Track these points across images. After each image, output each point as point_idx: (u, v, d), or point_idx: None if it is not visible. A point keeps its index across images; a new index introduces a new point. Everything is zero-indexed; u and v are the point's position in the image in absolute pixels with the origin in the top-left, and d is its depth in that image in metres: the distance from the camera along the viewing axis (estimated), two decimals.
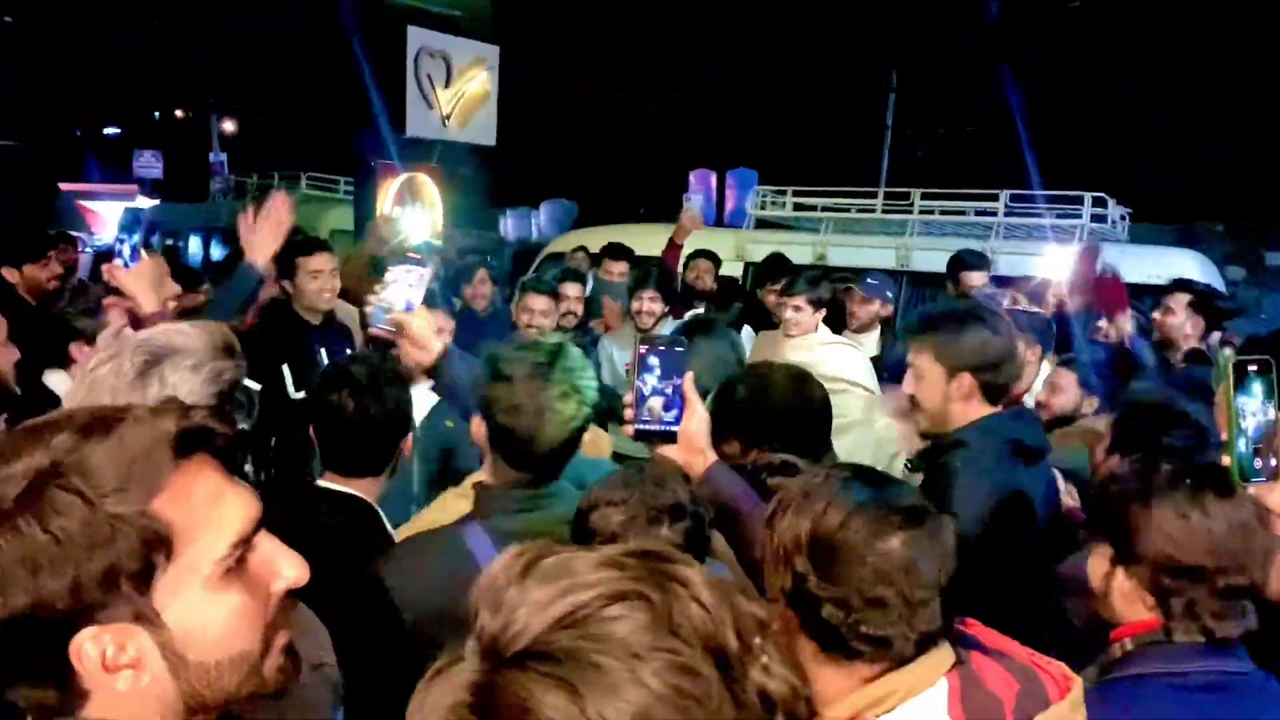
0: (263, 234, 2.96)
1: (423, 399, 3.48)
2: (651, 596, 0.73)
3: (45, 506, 0.87)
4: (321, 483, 2.20)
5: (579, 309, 5.10)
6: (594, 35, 20.89)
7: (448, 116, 9.16)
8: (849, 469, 1.42)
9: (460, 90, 9.24)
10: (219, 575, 0.94)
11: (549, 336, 4.25)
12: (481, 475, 2.03)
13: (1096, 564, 1.74)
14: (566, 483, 1.99)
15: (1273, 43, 14.57)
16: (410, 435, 2.30)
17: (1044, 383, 4.17)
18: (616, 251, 6.13)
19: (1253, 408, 1.78)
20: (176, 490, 0.92)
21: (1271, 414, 1.78)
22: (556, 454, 1.92)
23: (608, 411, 2.70)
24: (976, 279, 5.23)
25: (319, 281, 4.16)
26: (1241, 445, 1.77)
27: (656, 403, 1.78)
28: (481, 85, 9.35)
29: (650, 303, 4.86)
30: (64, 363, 3.14)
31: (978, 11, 15.57)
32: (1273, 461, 1.77)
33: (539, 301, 4.53)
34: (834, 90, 17.72)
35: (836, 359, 4.26)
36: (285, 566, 0.99)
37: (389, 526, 2.23)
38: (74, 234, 8.98)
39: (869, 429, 3.82)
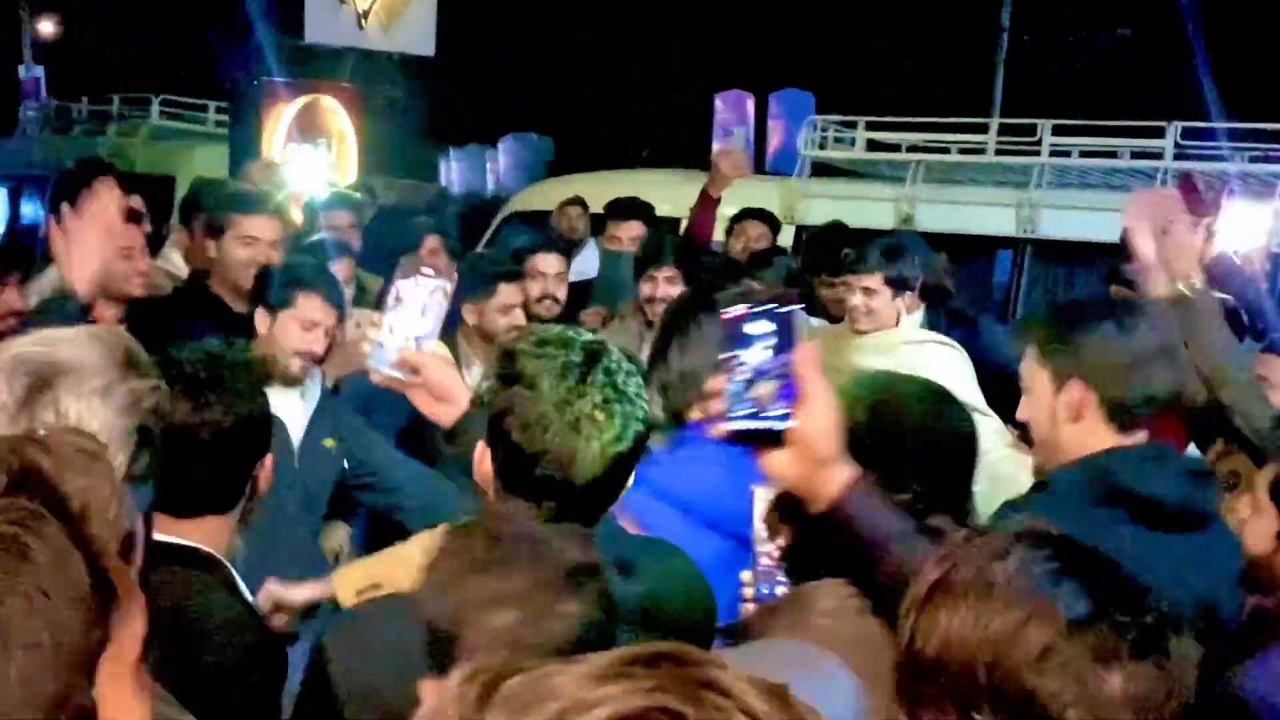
0: (84, 242, 2.88)
1: (291, 410, 3.52)
2: (685, 713, 0.73)
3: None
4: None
5: (560, 292, 5.11)
6: None
7: (365, 14, 9.14)
8: (1052, 545, 1.38)
9: None
10: (142, 670, 1.03)
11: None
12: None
13: None
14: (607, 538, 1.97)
15: None
16: (269, 457, 2.32)
17: None
18: (626, 208, 6.02)
19: None
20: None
21: None
22: (594, 493, 1.93)
23: None
24: None
25: (252, 251, 4.20)
26: None
27: (767, 389, 1.71)
28: None
29: (667, 284, 4.82)
30: None
31: None
32: None
33: (506, 294, 4.53)
34: None
35: (929, 364, 4.25)
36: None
37: (246, 592, 2.24)
38: None
39: (981, 463, 3.85)
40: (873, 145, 8.09)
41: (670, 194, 6.65)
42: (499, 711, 0.75)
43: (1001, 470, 3.67)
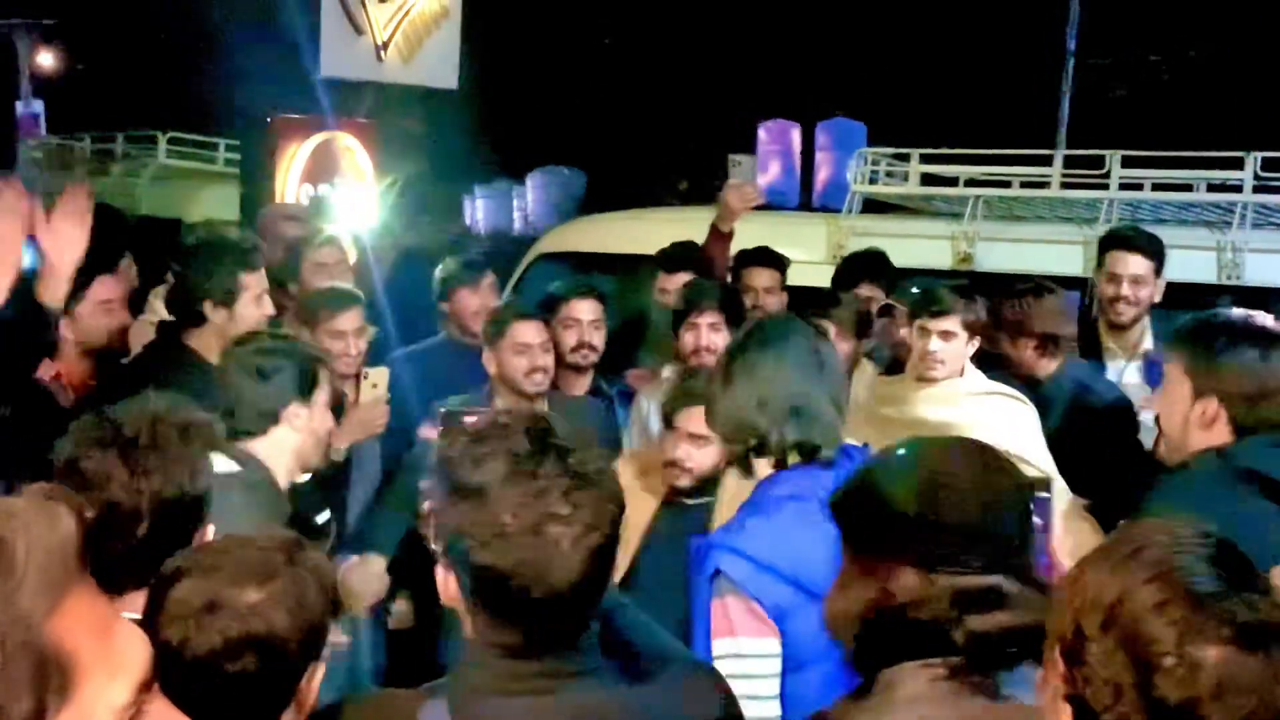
0: (62, 238, 3.16)
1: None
2: None
3: None
4: None
5: (598, 340, 5.09)
6: None
7: (385, 46, 9.25)
8: (1212, 540, 1.59)
9: (404, 6, 9.35)
10: None
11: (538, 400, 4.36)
12: None
13: None
14: (595, 639, 1.93)
15: None
16: (209, 527, 2.36)
17: None
18: (679, 258, 5.70)
19: None
20: (72, 611, 1.03)
21: None
22: (575, 599, 1.84)
23: None
24: (1131, 265, 5.31)
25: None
26: None
27: None
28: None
29: (711, 331, 4.74)
30: None
31: None
32: None
33: (528, 331, 4.59)
34: None
35: (994, 418, 4.26)
36: None
37: None
38: None
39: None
40: (928, 179, 7.97)
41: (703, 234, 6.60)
42: None
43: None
